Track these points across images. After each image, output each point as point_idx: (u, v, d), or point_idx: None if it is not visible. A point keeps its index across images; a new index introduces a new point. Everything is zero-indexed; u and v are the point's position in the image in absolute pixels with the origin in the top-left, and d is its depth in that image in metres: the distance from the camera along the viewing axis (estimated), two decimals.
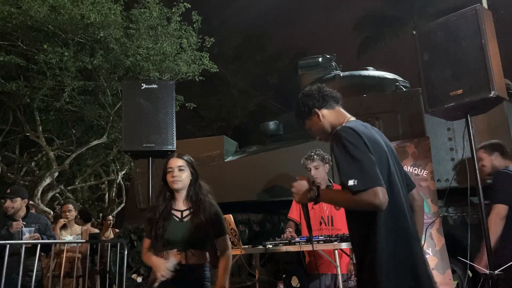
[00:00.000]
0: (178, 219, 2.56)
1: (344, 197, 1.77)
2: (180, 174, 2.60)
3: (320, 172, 3.66)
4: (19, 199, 4.44)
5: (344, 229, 3.42)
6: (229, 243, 2.64)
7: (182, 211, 2.59)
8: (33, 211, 5.14)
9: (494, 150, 3.37)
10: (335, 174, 4.76)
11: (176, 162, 2.63)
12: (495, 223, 3.07)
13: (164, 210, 2.55)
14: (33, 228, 4.32)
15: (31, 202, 5.42)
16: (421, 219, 2.11)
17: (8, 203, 4.38)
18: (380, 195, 1.67)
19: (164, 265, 2.39)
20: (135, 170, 5.52)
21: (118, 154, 13.06)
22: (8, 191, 4.60)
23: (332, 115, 2.04)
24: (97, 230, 6.59)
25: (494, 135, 4.45)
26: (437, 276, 3.96)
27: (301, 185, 2.00)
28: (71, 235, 5.38)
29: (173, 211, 2.59)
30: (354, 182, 1.69)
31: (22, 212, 4.47)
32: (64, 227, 5.43)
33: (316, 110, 2.03)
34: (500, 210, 3.11)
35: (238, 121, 20.89)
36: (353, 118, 2.03)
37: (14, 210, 4.38)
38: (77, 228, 5.60)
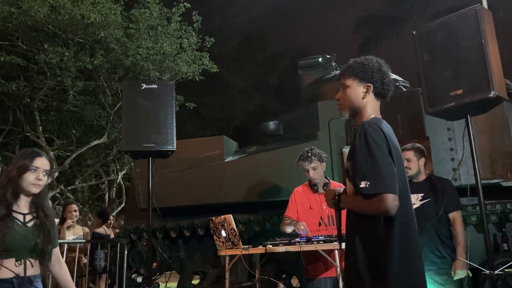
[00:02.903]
0: (20, 223, 2.25)
1: (357, 202, 1.80)
2: (44, 178, 2.31)
3: (318, 172, 3.51)
4: None
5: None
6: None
7: (24, 215, 2.29)
8: None
9: (422, 155, 3.52)
10: (334, 172, 4.76)
11: (45, 164, 2.34)
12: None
13: (5, 211, 2.22)
14: None
15: None
16: None
17: None
18: (389, 202, 1.66)
19: None
20: (135, 170, 5.51)
21: (118, 154, 13.06)
22: None
23: (373, 103, 1.97)
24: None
25: (494, 135, 4.45)
26: None
27: (329, 193, 2.07)
28: (74, 235, 5.37)
29: (14, 214, 2.26)
30: (366, 184, 1.69)
31: None
32: (68, 227, 5.41)
33: (371, 86, 1.94)
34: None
35: (238, 121, 20.88)
36: (379, 116, 1.98)
37: None
38: (79, 229, 5.58)
